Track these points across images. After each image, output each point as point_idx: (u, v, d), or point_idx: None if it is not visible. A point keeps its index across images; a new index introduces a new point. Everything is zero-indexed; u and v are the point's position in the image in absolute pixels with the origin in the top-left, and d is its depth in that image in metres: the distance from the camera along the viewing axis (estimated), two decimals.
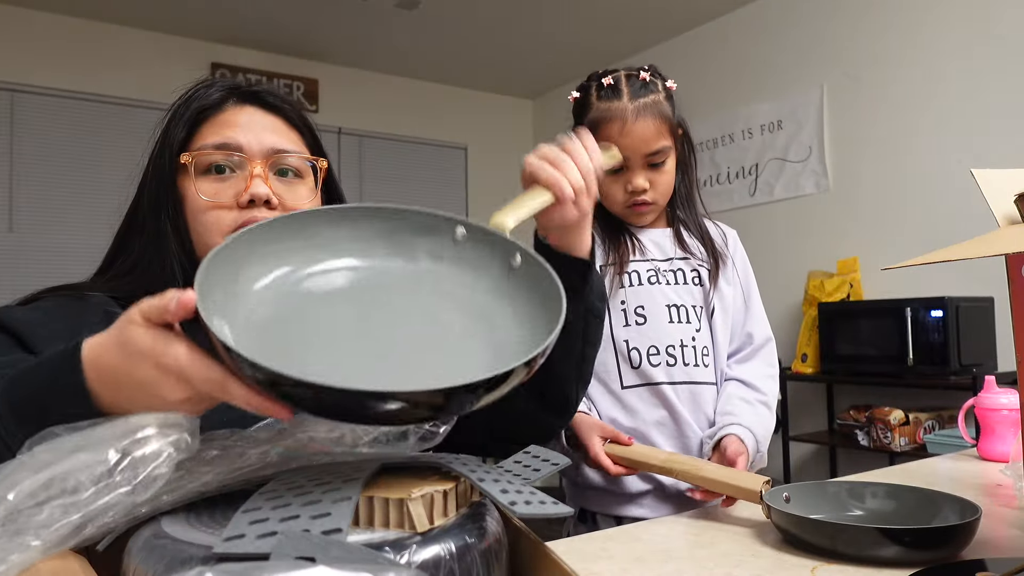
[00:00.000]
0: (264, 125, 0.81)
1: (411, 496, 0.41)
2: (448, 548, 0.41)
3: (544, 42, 4.46)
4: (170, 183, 0.78)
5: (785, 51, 3.75)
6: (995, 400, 1.19)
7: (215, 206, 0.77)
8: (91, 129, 4.03)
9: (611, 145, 1.01)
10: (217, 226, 0.76)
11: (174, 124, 0.80)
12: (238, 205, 0.77)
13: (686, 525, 0.87)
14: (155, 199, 0.78)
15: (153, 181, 0.79)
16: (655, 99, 1.15)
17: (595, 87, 1.18)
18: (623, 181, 1.17)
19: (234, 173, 0.78)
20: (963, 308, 2.78)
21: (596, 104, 1.16)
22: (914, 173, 3.19)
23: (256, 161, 0.78)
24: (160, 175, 0.78)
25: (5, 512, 0.39)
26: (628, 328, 1.17)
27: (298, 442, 0.50)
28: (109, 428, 0.43)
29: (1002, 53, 2.92)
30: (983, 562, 0.66)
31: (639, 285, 1.19)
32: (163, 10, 3.95)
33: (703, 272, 1.22)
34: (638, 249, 1.21)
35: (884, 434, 2.94)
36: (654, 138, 1.14)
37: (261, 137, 0.79)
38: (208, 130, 0.79)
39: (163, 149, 0.79)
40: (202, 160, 0.78)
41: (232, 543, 0.36)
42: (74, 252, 3.84)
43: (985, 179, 0.67)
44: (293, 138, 0.84)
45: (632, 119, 1.13)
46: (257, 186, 0.76)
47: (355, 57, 4.65)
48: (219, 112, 0.80)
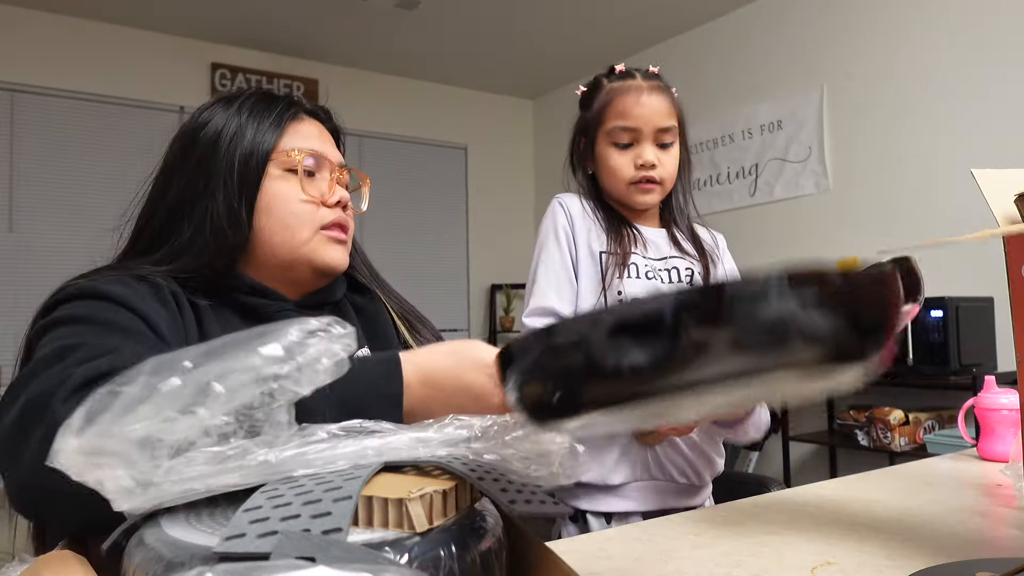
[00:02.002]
0: (327, 139, 0.93)
1: (410, 496, 0.41)
2: (448, 548, 0.41)
3: (544, 42, 4.46)
4: (256, 180, 0.85)
5: (785, 51, 3.75)
6: (995, 400, 1.19)
7: (311, 201, 0.87)
8: (91, 129, 4.04)
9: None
10: (311, 221, 0.86)
11: (250, 121, 0.86)
12: (324, 203, 0.87)
13: (686, 525, 0.87)
14: (237, 192, 0.84)
15: (235, 176, 0.84)
16: (667, 86, 1.22)
17: (606, 75, 1.24)
18: (632, 155, 1.19)
19: (314, 176, 0.88)
20: (963, 308, 2.78)
21: (608, 85, 1.21)
22: (914, 173, 3.19)
23: (337, 169, 0.90)
24: (245, 172, 0.85)
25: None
26: None
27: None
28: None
29: (1002, 53, 2.92)
30: (983, 562, 0.67)
31: (636, 278, 1.20)
32: (163, 10, 3.95)
33: (696, 271, 1.23)
34: (639, 244, 1.23)
35: (884, 434, 2.94)
36: (667, 114, 1.19)
37: (330, 149, 0.92)
38: (292, 138, 0.88)
39: (240, 144, 0.85)
40: (297, 161, 0.86)
41: (232, 542, 0.36)
42: (74, 252, 3.81)
43: (985, 179, 0.67)
44: (339, 151, 0.96)
45: (648, 93, 1.18)
46: (343, 191, 0.90)
47: (355, 57, 4.65)
48: (297, 122, 0.90)
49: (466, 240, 5.26)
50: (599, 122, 1.22)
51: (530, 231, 5.52)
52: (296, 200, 0.86)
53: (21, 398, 0.59)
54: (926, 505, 0.90)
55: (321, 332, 0.46)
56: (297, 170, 0.86)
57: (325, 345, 0.46)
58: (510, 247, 5.34)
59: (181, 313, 0.79)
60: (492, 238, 5.31)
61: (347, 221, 0.90)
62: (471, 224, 5.27)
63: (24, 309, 3.39)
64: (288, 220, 0.85)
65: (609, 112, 1.20)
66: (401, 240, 4.81)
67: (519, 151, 5.50)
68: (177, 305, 0.79)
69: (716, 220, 3.78)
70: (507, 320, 5.18)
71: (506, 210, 5.37)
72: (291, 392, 0.45)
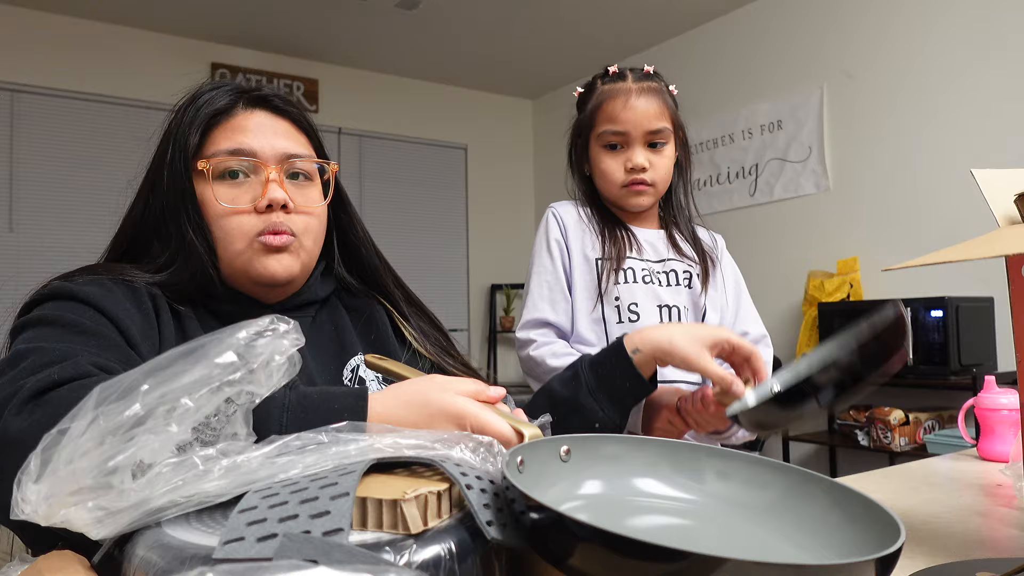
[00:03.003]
0: (275, 129, 0.83)
1: (405, 497, 0.41)
2: (448, 548, 0.40)
3: (544, 42, 4.46)
4: (188, 188, 0.80)
5: (785, 51, 3.75)
6: (995, 400, 1.19)
7: (234, 211, 0.79)
8: (91, 129, 4.03)
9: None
10: (239, 231, 0.79)
11: (183, 128, 0.81)
12: (256, 210, 0.79)
13: None
14: (173, 204, 0.80)
15: (168, 186, 0.80)
16: (658, 86, 1.21)
17: (600, 76, 1.24)
18: (623, 159, 1.19)
19: (248, 178, 0.81)
20: (963, 308, 2.78)
21: (600, 87, 1.22)
22: (914, 173, 3.19)
23: (270, 166, 0.80)
24: (176, 180, 0.80)
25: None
26: (621, 325, 1.18)
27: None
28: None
29: (1002, 53, 2.92)
30: (983, 562, 0.66)
31: (633, 283, 1.20)
32: (163, 10, 3.95)
33: (694, 274, 1.23)
34: (634, 247, 1.22)
35: (884, 434, 2.94)
36: (656, 116, 1.18)
37: (273, 142, 0.82)
38: (220, 135, 0.81)
39: (176, 154, 0.80)
40: (218, 166, 0.80)
41: (231, 547, 0.36)
42: (74, 252, 3.79)
43: (985, 179, 0.67)
44: (302, 141, 0.86)
45: (636, 95, 1.18)
46: (274, 191, 0.79)
47: (355, 57, 4.65)
48: (229, 117, 0.82)
49: (466, 240, 5.26)
50: (591, 125, 1.22)
51: (530, 231, 5.52)
52: (222, 211, 0.79)
53: None
54: (926, 505, 0.90)
55: (268, 332, 0.46)
56: (224, 175, 0.80)
57: (274, 344, 0.46)
58: (510, 247, 5.33)
59: (159, 318, 0.77)
60: (492, 238, 5.31)
61: (283, 225, 0.79)
62: (471, 224, 5.27)
63: None
64: (217, 232, 0.80)
65: (599, 116, 1.20)
66: (401, 240, 4.81)
67: (519, 151, 5.50)
68: (156, 310, 0.77)
69: (716, 220, 3.78)
70: (507, 320, 5.18)
71: (506, 210, 5.37)
72: (249, 396, 0.45)
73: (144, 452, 0.40)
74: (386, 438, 0.47)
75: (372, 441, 0.46)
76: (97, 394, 0.42)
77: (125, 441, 0.40)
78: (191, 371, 0.43)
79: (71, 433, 0.41)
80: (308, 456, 0.44)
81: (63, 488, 0.39)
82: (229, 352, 0.44)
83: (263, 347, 0.45)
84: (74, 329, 0.68)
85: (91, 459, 0.40)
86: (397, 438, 0.48)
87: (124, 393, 0.42)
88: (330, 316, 0.91)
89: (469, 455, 0.48)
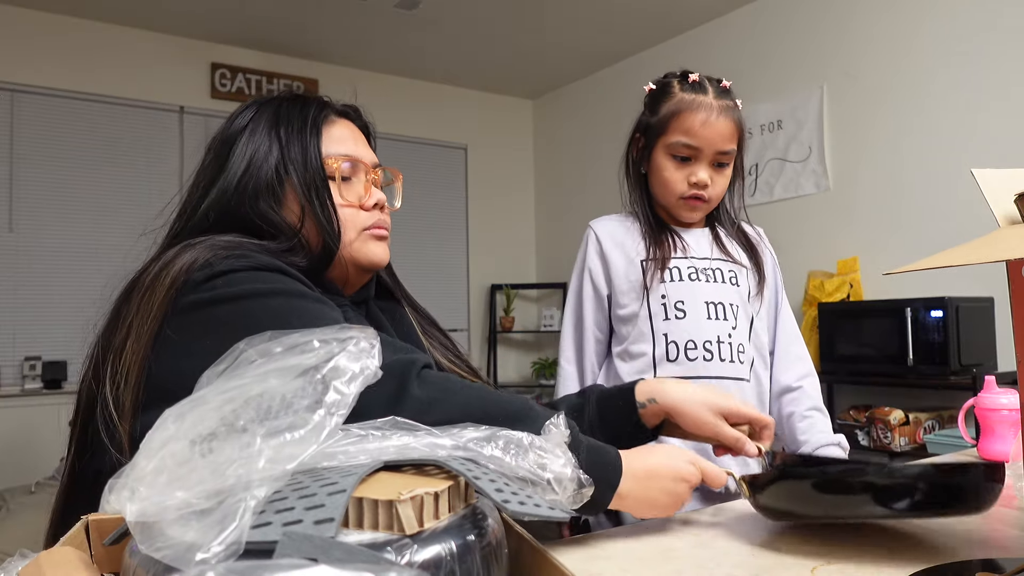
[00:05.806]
0: (360, 139, 0.94)
1: (399, 498, 0.41)
2: (449, 548, 0.41)
3: (544, 42, 4.46)
4: (324, 178, 0.87)
5: (785, 51, 3.75)
6: (995, 400, 1.19)
7: (349, 205, 0.89)
8: (91, 129, 4.04)
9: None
10: (352, 222, 0.89)
11: (296, 131, 0.87)
12: (362, 207, 0.90)
13: (686, 525, 0.87)
14: (313, 195, 0.86)
15: (304, 180, 0.86)
16: (734, 105, 1.22)
17: (678, 80, 1.23)
18: (687, 172, 1.20)
19: (349, 180, 0.90)
20: (963, 308, 2.78)
21: (680, 93, 1.21)
22: (914, 173, 3.19)
23: (372, 171, 0.92)
24: (313, 176, 0.87)
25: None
26: (668, 322, 1.20)
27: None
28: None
29: (1003, 53, 2.92)
30: (983, 562, 0.67)
31: (679, 281, 1.22)
32: (163, 10, 3.95)
33: (739, 273, 1.25)
34: (679, 247, 1.25)
35: (884, 434, 2.94)
36: (729, 138, 1.20)
37: (364, 150, 0.93)
38: (328, 142, 0.89)
39: (306, 153, 0.87)
40: (333, 168, 0.88)
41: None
42: (74, 252, 3.83)
43: (985, 179, 0.67)
44: (371, 147, 0.97)
45: (716, 114, 1.18)
46: (379, 193, 0.92)
47: (355, 57, 4.65)
48: (330, 125, 0.91)
49: (466, 240, 5.26)
50: (661, 131, 1.21)
51: (530, 231, 5.52)
52: (341, 205, 0.88)
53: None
54: None
55: (351, 345, 0.48)
56: (335, 176, 0.88)
57: (361, 361, 0.48)
58: (510, 247, 5.33)
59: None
60: (492, 238, 5.31)
61: (386, 222, 0.93)
62: (471, 224, 5.27)
63: (24, 309, 3.42)
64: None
65: (674, 125, 1.20)
66: (401, 240, 4.78)
67: (519, 151, 5.50)
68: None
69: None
70: (507, 320, 5.17)
71: (506, 210, 5.37)
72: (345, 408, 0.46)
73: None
74: (404, 438, 0.48)
75: (391, 442, 0.47)
76: (175, 414, 0.44)
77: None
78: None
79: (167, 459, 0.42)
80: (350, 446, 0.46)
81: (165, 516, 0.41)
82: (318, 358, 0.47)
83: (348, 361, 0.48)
84: (322, 303, 0.77)
85: (180, 493, 0.41)
86: (410, 439, 0.48)
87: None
88: (371, 313, 0.98)
89: (499, 452, 0.49)
